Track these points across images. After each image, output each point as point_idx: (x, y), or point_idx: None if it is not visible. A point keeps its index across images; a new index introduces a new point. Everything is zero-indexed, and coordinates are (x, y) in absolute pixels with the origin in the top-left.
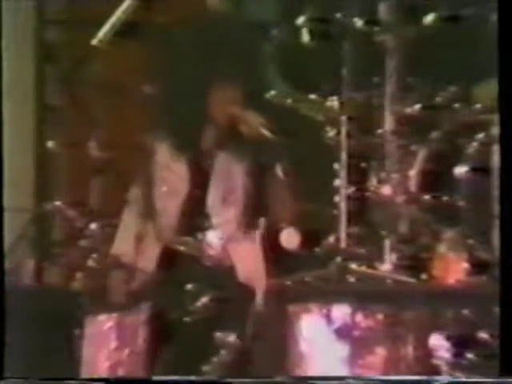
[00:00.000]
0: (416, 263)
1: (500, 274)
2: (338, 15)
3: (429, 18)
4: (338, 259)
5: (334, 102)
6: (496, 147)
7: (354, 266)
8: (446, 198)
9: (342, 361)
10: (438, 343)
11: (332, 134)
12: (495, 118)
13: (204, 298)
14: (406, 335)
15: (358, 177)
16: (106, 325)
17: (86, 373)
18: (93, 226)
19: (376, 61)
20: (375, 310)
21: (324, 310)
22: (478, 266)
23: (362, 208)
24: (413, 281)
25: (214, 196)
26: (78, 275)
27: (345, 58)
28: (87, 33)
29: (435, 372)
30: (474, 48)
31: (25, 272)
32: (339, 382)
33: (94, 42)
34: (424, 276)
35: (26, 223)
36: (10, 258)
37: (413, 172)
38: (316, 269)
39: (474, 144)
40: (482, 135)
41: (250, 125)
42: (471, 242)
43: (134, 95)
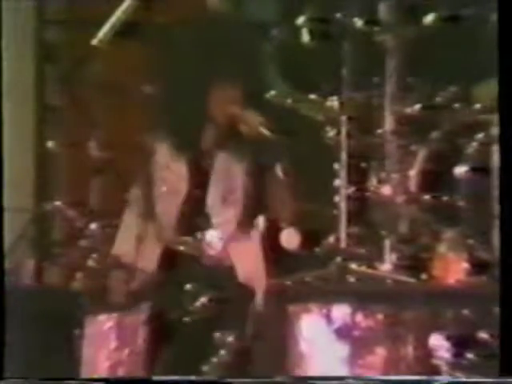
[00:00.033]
0: (416, 263)
1: (500, 274)
2: (338, 15)
3: (429, 18)
4: (338, 259)
5: (333, 102)
6: (496, 147)
7: (354, 266)
8: (446, 198)
9: (341, 361)
10: (438, 343)
11: (332, 133)
12: (495, 118)
13: (203, 298)
14: (406, 335)
15: (358, 177)
16: (106, 325)
17: (86, 373)
18: (93, 226)
19: (376, 61)
20: (375, 310)
21: (324, 310)
22: (478, 266)
23: (361, 208)
24: (413, 281)
25: (214, 196)
26: (78, 275)
27: (345, 58)
28: (87, 33)
29: (435, 372)
30: (474, 48)
31: (25, 272)
32: (339, 382)
33: (94, 42)
34: (424, 276)
35: (25, 223)
36: (10, 258)
37: (413, 172)
38: (316, 269)
39: (474, 144)
40: (481, 135)
41: (250, 124)
42: (471, 241)
43: (134, 95)
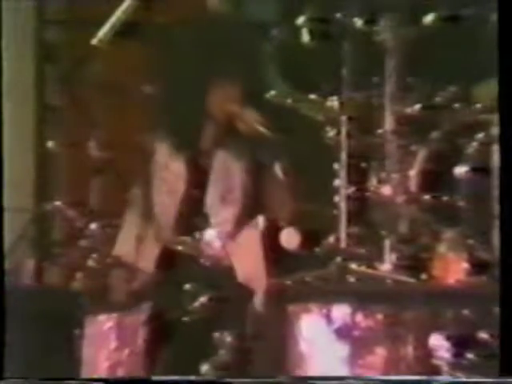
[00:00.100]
0: (416, 263)
1: (500, 274)
2: (338, 15)
3: (429, 18)
4: (338, 259)
5: (334, 102)
6: (496, 147)
7: (353, 265)
8: (446, 198)
9: (342, 361)
10: (438, 343)
11: (332, 133)
12: (495, 117)
13: (203, 298)
14: (406, 335)
15: (358, 177)
16: (106, 325)
17: (86, 373)
18: (93, 226)
19: (376, 61)
20: (375, 310)
21: (324, 310)
22: (478, 266)
23: (362, 208)
24: (413, 281)
25: (213, 195)
26: (78, 275)
27: (345, 58)
28: (87, 33)
29: (435, 372)
30: (474, 48)
31: (25, 272)
32: (339, 382)
33: (94, 41)
34: (424, 276)
35: (25, 223)
36: (10, 258)
37: (413, 172)
38: (316, 269)
39: (474, 144)
40: (481, 135)
41: (247, 122)
42: (471, 242)
43: (134, 95)
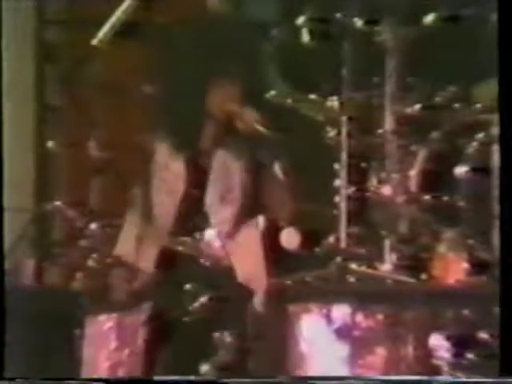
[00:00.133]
0: (416, 263)
1: (500, 274)
2: (338, 15)
3: (429, 18)
4: (338, 259)
5: (334, 102)
6: (496, 147)
7: (354, 266)
8: (446, 198)
9: (342, 361)
10: (438, 343)
11: (332, 134)
12: (495, 117)
13: (203, 298)
14: (406, 335)
15: (358, 177)
16: (106, 325)
17: (86, 373)
18: (93, 226)
19: (376, 61)
20: (375, 310)
21: (324, 310)
22: (478, 266)
23: (362, 208)
24: (413, 281)
25: (212, 195)
26: (78, 275)
27: (345, 58)
28: (87, 33)
29: (435, 372)
30: (474, 48)
31: (25, 272)
32: (339, 382)
33: (94, 42)
34: (424, 276)
35: (26, 223)
36: (9, 258)
37: (413, 172)
38: (316, 269)
39: (474, 144)
40: (481, 135)
41: (247, 122)
42: (471, 242)
43: (134, 95)
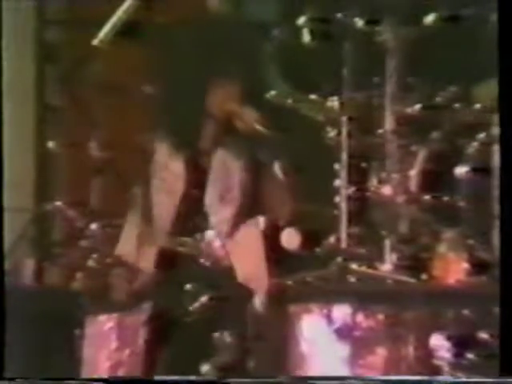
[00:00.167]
0: (416, 263)
1: (500, 274)
2: (339, 15)
3: (429, 18)
4: (339, 259)
5: (334, 102)
6: (496, 147)
7: (354, 266)
8: (446, 198)
9: (342, 361)
10: (439, 343)
11: (332, 134)
12: (495, 117)
13: (204, 298)
14: (406, 335)
15: (358, 177)
16: (107, 325)
17: (87, 373)
18: (93, 226)
19: (376, 61)
20: (376, 310)
21: (325, 311)
22: (478, 266)
23: (362, 208)
24: (413, 281)
25: (212, 194)
26: (78, 275)
27: (345, 58)
28: (87, 33)
29: (436, 372)
30: (474, 48)
31: (25, 272)
32: (340, 382)
33: (95, 42)
34: (424, 276)
35: (26, 223)
36: (10, 258)
37: (413, 172)
38: (317, 269)
39: (475, 144)
40: (482, 135)
41: (246, 121)
42: (471, 242)
43: (134, 95)
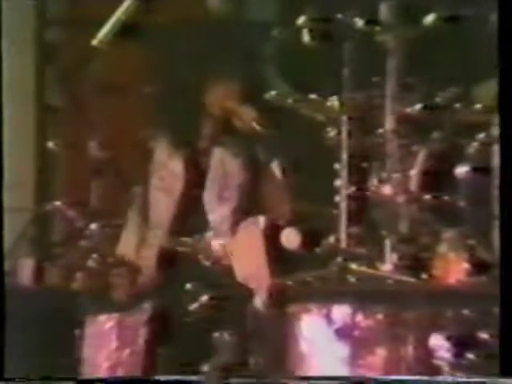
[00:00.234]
0: (416, 263)
1: (500, 274)
2: (339, 15)
3: (429, 18)
4: (339, 259)
5: (334, 102)
6: (496, 147)
7: (354, 266)
8: (446, 198)
9: (342, 361)
10: (439, 343)
11: (332, 134)
12: (495, 118)
13: (203, 298)
14: (406, 335)
15: (358, 177)
16: (107, 325)
17: (86, 373)
18: (93, 226)
19: (376, 61)
20: (375, 310)
21: (324, 310)
22: (479, 266)
23: (362, 208)
24: (413, 281)
25: (210, 193)
26: (78, 275)
27: (345, 58)
28: (87, 33)
29: (436, 372)
30: (474, 48)
31: (25, 272)
32: (339, 382)
33: (95, 42)
34: (424, 276)
35: (26, 223)
36: (10, 258)
37: (413, 172)
38: (316, 269)
39: (475, 144)
40: (482, 135)
41: (244, 119)
42: (471, 242)
43: (134, 95)
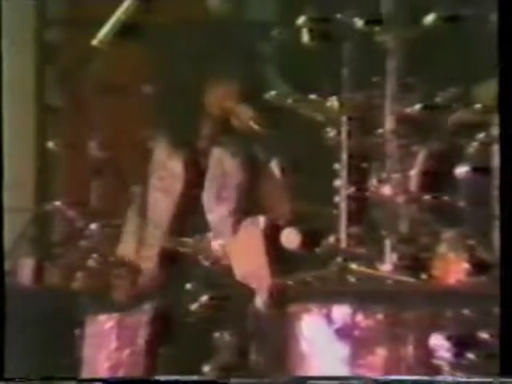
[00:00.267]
0: (416, 263)
1: (500, 274)
2: (339, 15)
3: (429, 18)
4: (339, 259)
5: (333, 102)
6: (496, 147)
7: (354, 266)
8: (446, 198)
9: (342, 361)
10: (439, 343)
11: (332, 134)
12: (495, 117)
13: (204, 298)
14: (406, 335)
15: (358, 177)
16: (107, 325)
17: (86, 373)
18: (93, 226)
19: (376, 61)
20: (375, 310)
21: (324, 310)
22: (479, 266)
23: (362, 208)
24: (413, 281)
25: (209, 192)
26: (77, 275)
27: (345, 58)
28: (87, 33)
29: (436, 372)
30: (474, 48)
31: (25, 272)
32: (339, 382)
33: (95, 42)
34: (424, 276)
35: (26, 223)
36: (10, 258)
37: (413, 172)
38: (316, 269)
39: (475, 144)
40: (482, 135)
41: (241, 118)
42: (471, 242)
43: (133, 95)
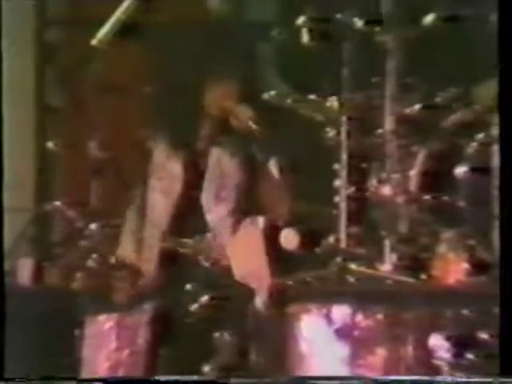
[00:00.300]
0: (416, 263)
1: (500, 274)
2: (338, 15)
3: (428, 18)
4: (338, 259)
5: (333, 103)
6: (496, 147)
7: (353, 266)
8: (446, 198)
9: (342, 361)
10: (438, 343)
11: (332, 134)
12: (495, 117)
13: (204, 298)
14: (405, 335)
15: (358, 177)
16: (106, 325)
17: (86, 373)
18: (93, 226)
19: (376, 61)
20: (375, 310)
21: (324, 311)
22: (478, 267)
23: (361, 208)
24: (413, 281)
25: (208, 193)
26: (77, 275)
27: (345, 59)
28: (87, 33)
29: (435, 372)
30: (474, 48)
31: (25, 272)
32: (339, 382)
33: (95, 42)
34: (424, 276)
35: (26, 223)
36: (9, 258)
37: (413, 172)
38: (316, 269)
39: (474, 144)
40: (481, 135)
41: (240, 118)
42: (471, 242)
43: (133, 95)
